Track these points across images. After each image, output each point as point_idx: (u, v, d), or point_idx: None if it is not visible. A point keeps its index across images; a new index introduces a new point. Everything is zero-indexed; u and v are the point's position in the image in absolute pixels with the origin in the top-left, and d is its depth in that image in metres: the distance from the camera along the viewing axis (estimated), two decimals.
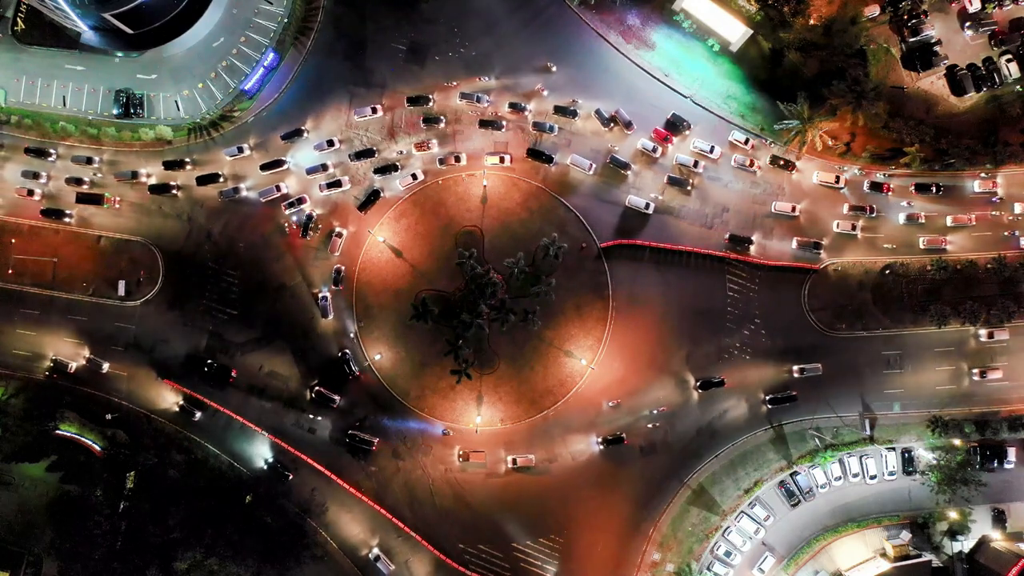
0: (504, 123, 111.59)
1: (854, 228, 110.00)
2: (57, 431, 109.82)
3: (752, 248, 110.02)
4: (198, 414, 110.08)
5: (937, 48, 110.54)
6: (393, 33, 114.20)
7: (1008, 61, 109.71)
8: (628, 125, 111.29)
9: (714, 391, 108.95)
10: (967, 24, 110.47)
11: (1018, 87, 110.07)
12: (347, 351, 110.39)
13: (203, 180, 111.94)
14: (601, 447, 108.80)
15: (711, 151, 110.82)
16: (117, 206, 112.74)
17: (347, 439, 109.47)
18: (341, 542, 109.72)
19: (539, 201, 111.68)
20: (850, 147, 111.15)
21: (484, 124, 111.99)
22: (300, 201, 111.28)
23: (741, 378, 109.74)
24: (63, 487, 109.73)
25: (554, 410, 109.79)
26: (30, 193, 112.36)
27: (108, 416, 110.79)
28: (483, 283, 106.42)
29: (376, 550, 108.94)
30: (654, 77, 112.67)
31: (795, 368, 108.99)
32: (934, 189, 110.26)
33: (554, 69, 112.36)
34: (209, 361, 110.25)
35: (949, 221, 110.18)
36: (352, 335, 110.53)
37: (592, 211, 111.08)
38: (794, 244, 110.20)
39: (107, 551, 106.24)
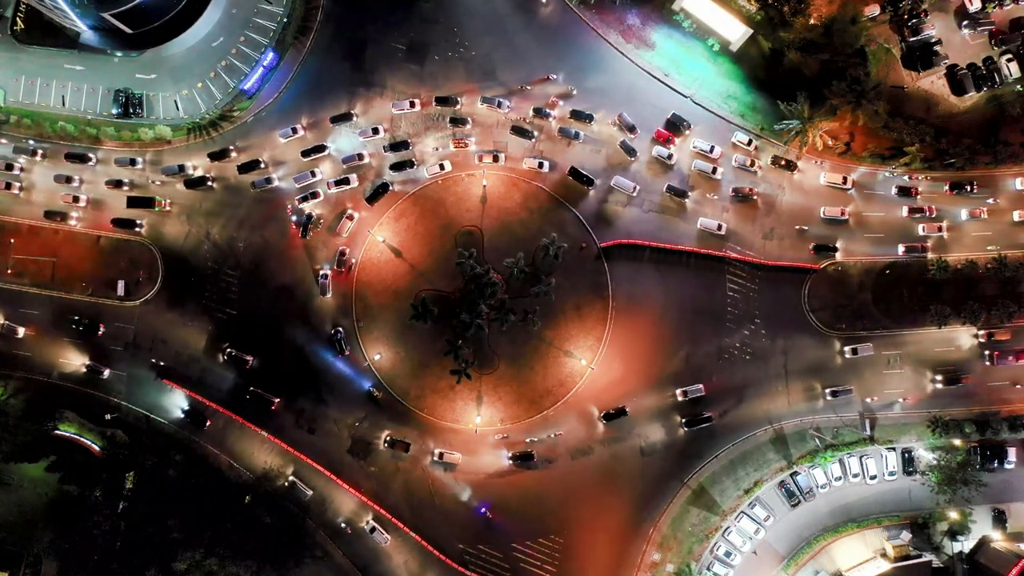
0: (535, 132, 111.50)
1: (940, 230, 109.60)
2: (56, 431, 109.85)
3: (838, 255, 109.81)
4: (106, 372, 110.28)
5: (937, 48, 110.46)
6: (393, 33, 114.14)
7: (1008, 61, 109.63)
8: (632, 129, 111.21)
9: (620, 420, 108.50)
10: (965, 23, 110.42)
11: (1018, 87, 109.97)
12: (340, 329, 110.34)
13: (244, 168, 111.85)
14: (511, 461, 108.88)
15: (711, 151, 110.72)
16: (168, 208, 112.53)
17: (247, 395, 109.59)
18: (340, 541, 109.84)
19: (539, 201, 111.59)
20: (850, 147, 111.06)
21: (515, 131, 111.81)
22: (314, 195, 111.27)
23: (726, 381, 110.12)
24: (63, 487, 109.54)
25: (554, 410, 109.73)
26: (75, 200, 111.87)
27: (107, 416, 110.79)
28: (483, 283, 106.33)
29: (292, 477, 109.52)
30: (654, 77, 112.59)
31: (678, 391, 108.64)
32: (969, 188, 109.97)
33: (575, 92, 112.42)
34: (76, 318, 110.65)
35: (1016, 216, 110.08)
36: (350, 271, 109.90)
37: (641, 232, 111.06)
38: (900, 250, 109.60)
39: (106, 551, 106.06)
